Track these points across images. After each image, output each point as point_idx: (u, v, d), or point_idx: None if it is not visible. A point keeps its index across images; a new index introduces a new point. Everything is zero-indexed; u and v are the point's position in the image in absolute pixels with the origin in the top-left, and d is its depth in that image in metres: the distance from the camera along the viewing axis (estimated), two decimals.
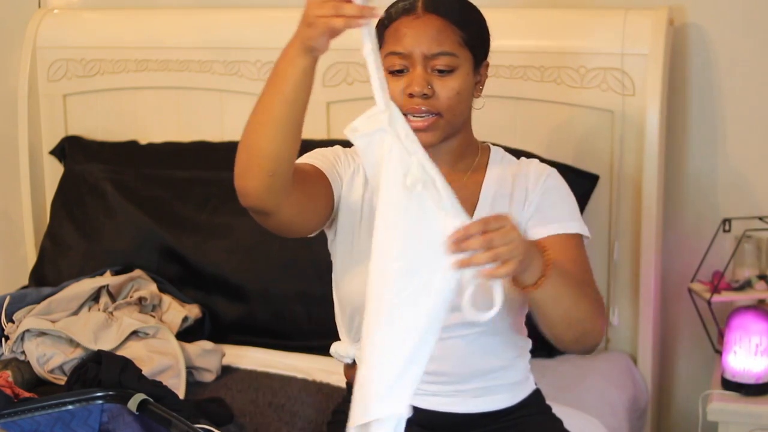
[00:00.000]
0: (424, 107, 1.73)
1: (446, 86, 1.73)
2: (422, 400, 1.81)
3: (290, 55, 1.59)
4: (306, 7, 1.52)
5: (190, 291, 2.60)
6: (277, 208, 1.68)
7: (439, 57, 1.72)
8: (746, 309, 2.41)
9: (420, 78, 1.72)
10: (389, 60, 1.75)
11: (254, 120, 1.64)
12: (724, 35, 2.59)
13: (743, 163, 2.62)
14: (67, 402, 1.73)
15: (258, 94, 2.89)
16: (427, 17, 1.74)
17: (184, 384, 2.22)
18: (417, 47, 1.73)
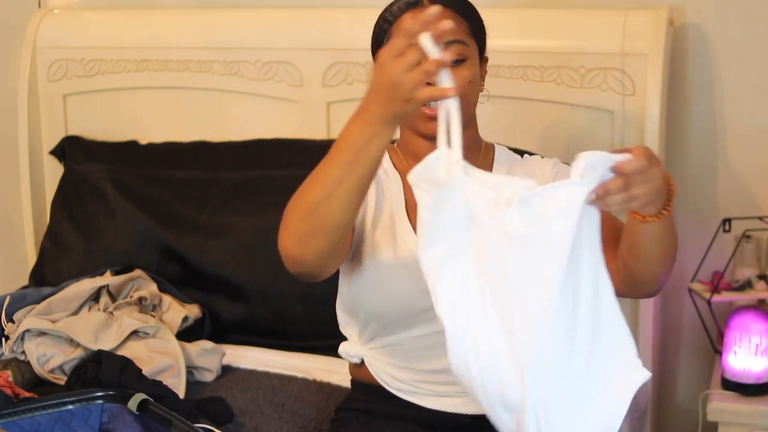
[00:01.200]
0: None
1: (459, 75, 1.70)
2: (429, 401, 1.81)
3: (374, 130, 1.49)
4: (390, 73, 1.43)
5: (190, 291, 2.60)
6: (330, 270, 1.66)
7: (452, 45, 1.70)
8: (746, 309, 2.41)
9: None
10: None
11: (324, 191, 1.55)
12: (724, 35, 2.59)
13: (743, 163, 2.62)
14: (67, 402, 1.73)
15: (259, 95, 2.91)
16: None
17: (184, 384, 2.22)
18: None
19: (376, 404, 1.85)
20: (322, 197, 1.55)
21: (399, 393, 1.83)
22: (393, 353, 1.81)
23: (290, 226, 1.60)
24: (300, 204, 1.58)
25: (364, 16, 1.81)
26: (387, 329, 1.81)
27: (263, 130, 2.81)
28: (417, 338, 1.78)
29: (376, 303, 1.79)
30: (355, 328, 1.87)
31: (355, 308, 1.84)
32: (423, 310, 1.73)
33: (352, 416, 1.88)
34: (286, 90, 2.79)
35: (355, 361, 1.87)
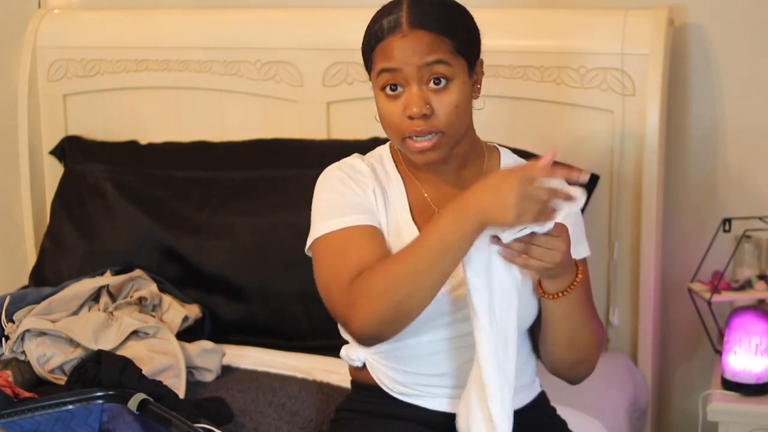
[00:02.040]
0: (424, 127, 1.69)
1: (444, 102, 1.69)
2: (428, 401, 1.80)
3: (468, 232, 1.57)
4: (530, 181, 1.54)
5: (190, 291, 2.60)
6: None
7: (433, 65, 1.68)
8: (746, 309, 2.41)
9: (417, 98, 1.68)
10: (383, 78, 1.71)
11: (413, 281, 1.60)
12: (724, 35, 2.59)
13: (743, 163, 2.62)
14: (67, 402, 1.73)
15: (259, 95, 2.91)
16: (414, 33, 1.69)
17: (184, 384, 2.22)
18: (409, 62, 1.68)
19: (375, 405, 1.85)
20: (411, 290, 1.61)
21: (399, 396, 1.82)
22: (395, 358, 1.80)
23: (371, 308, 1.63)
24: (385, 292, 1.62)
25: (364, 16, 1.81)
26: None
27: (263, 130, 2.81)
28: (420, 345, 1.77)
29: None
30: None
31: None
32: (429, 319, 1.72)
33: (352, 417, 1.88)
34: (286, 90, 2.79)
35: (357, 365, 1.87)
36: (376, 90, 1.74)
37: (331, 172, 1.82)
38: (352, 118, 2.73)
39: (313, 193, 1.81)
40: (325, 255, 1.75)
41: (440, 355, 1.77)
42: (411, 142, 1.71)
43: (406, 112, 1.69)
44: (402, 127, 1.70)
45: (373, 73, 1.74)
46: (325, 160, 1.88)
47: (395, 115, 1.71)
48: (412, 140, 1.71)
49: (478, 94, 1.78)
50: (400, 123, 1.70)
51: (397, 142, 1.75)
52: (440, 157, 1.73)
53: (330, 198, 1.78)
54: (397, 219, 1.78)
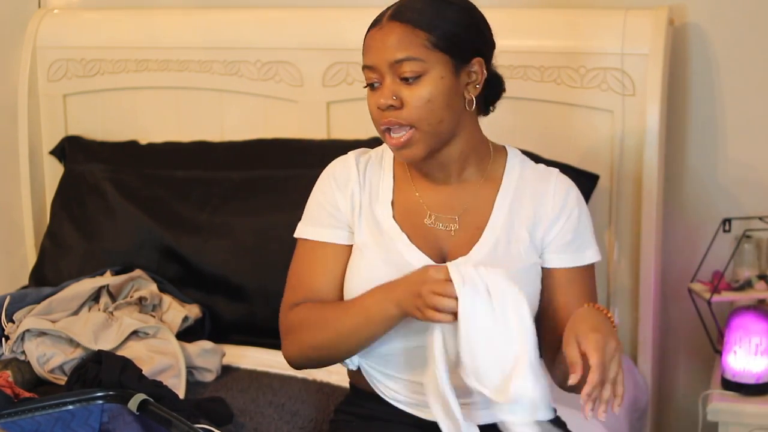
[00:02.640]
0: (394, 119, 1.70)
1: (414, 94, 1.69)
2: (425, 411, 1.80)
3: (390, 313, 1.70)
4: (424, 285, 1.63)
5: (190, 291, 2.60)
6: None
7: (403, 63, 1.69)
8: (746, 309, 2.42)
9: (386, 90, 1.70)
10: (365, 74, 1.74)
11: (335, 338, 1.77)
12: (724, 35, 2.59)
13: (743, 163, 2.62)
14: (68, 402, 1.73)
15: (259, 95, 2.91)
16: (389, 26, 1.71)
17: (184, 384, 2.22)
18: (381, 57, 1.70)
19: (374, 410, 1.85)
20: (333, 342, 1.77)
21: (395, 402, 1.82)
22: (387, 363, 1.80)
23: (298, 346, 1.84)
24: (311, 336, 1.80)
25: (364, 16, 1.81)
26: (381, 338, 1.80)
27: (263, 130, 2.81)
28: (412, 349, 1.76)
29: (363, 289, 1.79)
30: None
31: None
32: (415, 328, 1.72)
33: (351, 419, 1.88)
34: (286, 90, 2.79)
35: (351, 368, 1.87)
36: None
37: (328, 171, 1.87)
38: (352, 118, 2.73)
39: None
40: (296, 259, 1.89)
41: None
42: (388, 137, 1.74)
43: (376, 104, 1.72)
44: (378, 119, 1.74)
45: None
46: (325, 160, 1.89)
47: (373, 108, 1.74)
48: (389, 135, 1.73)
49: (471, 94, 1.75)
50: (377, 115, 1.74)
51: (381, 136, 1.77)
52: (417, 154, 1.73)
53: (318, 201, 1.85)
54: (378, 214, 1.81)
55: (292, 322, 1.83)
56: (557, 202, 1.80)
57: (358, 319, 1.72)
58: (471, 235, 1.78)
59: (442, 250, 1.78)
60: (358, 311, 1.73)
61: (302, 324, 1.80)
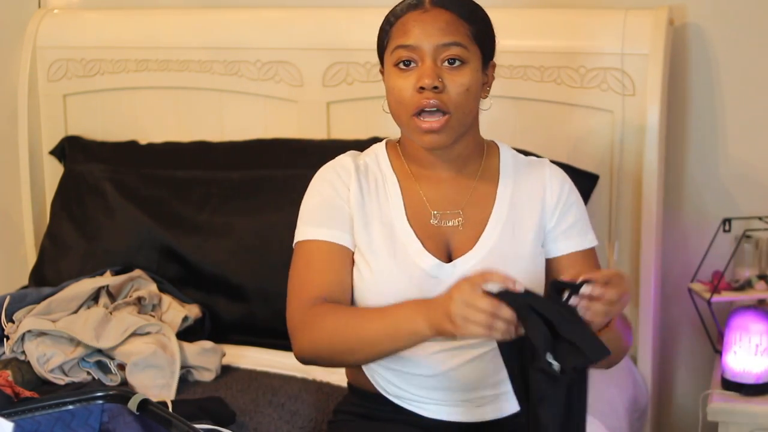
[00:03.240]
0: (434, 101, 1.69)
1: (456, 81, 1.70)
2: (426, 409, 1.80)
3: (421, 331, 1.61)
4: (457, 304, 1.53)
5: (190, 291, 2.60)
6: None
7: (450, 47, 1.70)
8: (746, 309, 2.42)
9: (430, 70, 1.70)
10: (397, 53, 1.73)
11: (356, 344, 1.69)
12: (724, 35, 2.59)
13: (743, 163, 2.62)
14: (68, 402, 1.73)
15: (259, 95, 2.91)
16: (436, 11, 1.73)
17: (175, 384, 2.23)
18: (427, 39, 1.71)
19: (373, 409, 1.84)
20: (352, 346, 1.69)
21: (397, 400, 1.82)
22: (392, 360, 1.80)
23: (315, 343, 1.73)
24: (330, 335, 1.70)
25: (364, 16, 1.82)
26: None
27: (263, 130, 2.81)
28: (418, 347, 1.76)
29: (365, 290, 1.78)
30: None
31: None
32: None
33: (350, 419, 1.88)
34: (286, 90, 2.79)
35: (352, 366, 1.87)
36: (388, 67, 1.75)
37: (322, 174, 1.84)
38: (352, 118, 2.73)
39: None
40: (299, 261, 1.80)
41: (437, 356, 1.76)
42: (419, 121, 1.72)
43: (418, 84, 1.70)
44: (413, 101, 1.71)
45: (387, 50, 1.76)
46: (325, 160, 1.89)
47: (406, 89, 1.71)
48: (420, 119, 1.71)
49: (486, 94, 1.80)
50: (411, 97, 1.71)
51: (405, 121, 1.74)
52: (446, 140, 1.73)
53: (317, 203, 1.80)
54: (392, 218, 1.78)
55: (311, 317, 1.72)
56: (555, 190, 1.82)
57: (386, 329, 1.65)
58: (475, 230, 1.78)
59: (448, 247, 1.78)
60: (386, 322, 1.65)
61: (323, 322, 1.71)
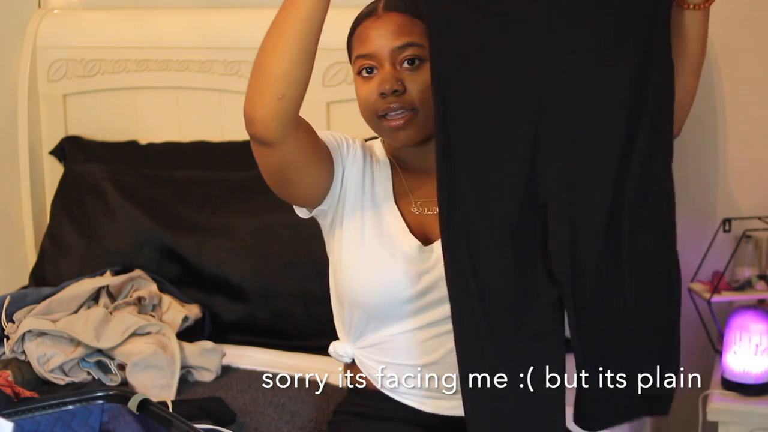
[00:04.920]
0: (397, 104, 1.74)
1: (417, 81, 1.73)
2: (423, 403, 1.80)
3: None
4: None
5: (190, 291, 2.60)
6: (281, 139, 1.67)
7: (406, 48, 1.73)
8: (746, 309, 2.41)
9: (389, 75, 1.74)
10: (358, 63, 1.78)
11: (267, 42, 1.62)
12: (724, 35, 2.58)
13: (743, 163, 2.62)
14: (68, 402, 1.73)
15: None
16: (388, 16, 1.77)
17: (176, 384, 2.23)
18: (382, 45, 1.75)
19: (372, 408, 1.85)
20: (266, 48, 1.61)
21: (392, 394, 1.82)
22: (382, 351, 1.81)
23: (248, 85, 1.65)
24: (254, 62, 1.63)
25: None
26: (373, 323, 1.81)
27: None
28: (405, 334, 1.78)
29: (360, 289, 1.79)
30: (344, 321, 1.87)
31: (341, 296, 1.84)
32: (408, 300, 1.75)
33: (349, 419, 1.88)
34: None
35: (345, 361, 1.88)
36: (354, 76, 1.81)
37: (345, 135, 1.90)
38: (352, 118, 2.72)
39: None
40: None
41: (427, 343, 1.77)
42: (386, 122, 1.76)
43: (379, 90, 1.75)
44: (376, 106, 1.76)
45: (352, 60, 1.82)
46: None
47: (370, 95, 1.76)
48: (386, 119, 1.76)
49: None
50: (375, 102, 1.76)
51: (373, 124, 1.80)
52: (413, 137, 1.76)
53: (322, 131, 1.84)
54: (380, 201, 1.82)
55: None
56: None
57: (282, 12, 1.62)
58: None
59: (426, 234, 1.80)
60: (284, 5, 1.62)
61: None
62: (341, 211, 1.81)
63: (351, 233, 1.80)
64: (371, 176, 1.84)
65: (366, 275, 1.78)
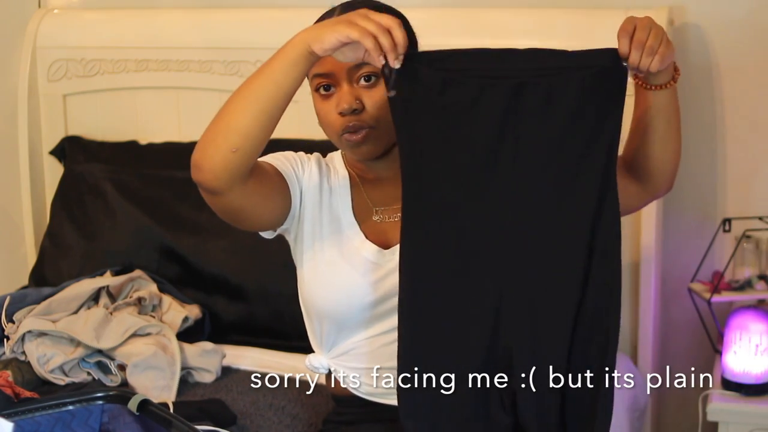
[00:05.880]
0: (354, 123, 1.74)
1: (374, 98, 1.73)
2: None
3: (292, 56, 1.59)
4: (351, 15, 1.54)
5: (190, 291, 2.60)
6: (228, 188, 1.67)
7: (362, 67, 1.72)
8: (746, 309, 2.42)
9: (347, 95, 1.73)
10: (316, 81, 1.77)
11: (236, 95, 1.63)
12: (724, 35, 2.58)
13: (743, 163, 2.62)
14: (68, 402, 1.73)
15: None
16: None
17: (176, 385, 2.23)
18: (338, 64, 1.72)
19: (358, 414, 1.85)
20: (234, 102, 1.63)
21: (371, 398, 1.83)
22: (354, 358, 1.82)
23: (201, 137, 1.68)
24: (215, 117, 1.67)
25: None
26: (342, 332, 1.82)
27: None
28: (373, 339, 1.79)
29: (325, 301, 1.80)
30: (314, 334, 1.88)
31: (308, 308, 1.85)
32: (372, 305, 1.76)
33: (337, 427, 1.89)
34: None
35: (322, 372, 1.88)
36: (312, 93, 1.80)
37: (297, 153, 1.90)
38: None
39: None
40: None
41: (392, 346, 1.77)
42: (345, 138, 1.76)
43: (337, 109, 1.74)
44: (336, 124, 1.75)
45: (309, 77, 1.79)
46: None
47: (330, 114, 1.76)
48: (346, 136, 1.76)
49: None
50: (334, 121, 1.75)
51: (335, 140, 1.80)
52: (373, 152, 1.76)
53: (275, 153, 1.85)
54: (339, 215, 1.82)
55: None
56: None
57: (257, 74, 1.62)
58: None
59: (387, 239, 1.81)
60: (257, 72, 1.62)
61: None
62: (301, 227, 1.82)
63: (311, 247, 1.81)
64: (329, 189, 1.84)
65: (328, 286, 1.79)
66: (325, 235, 1.81)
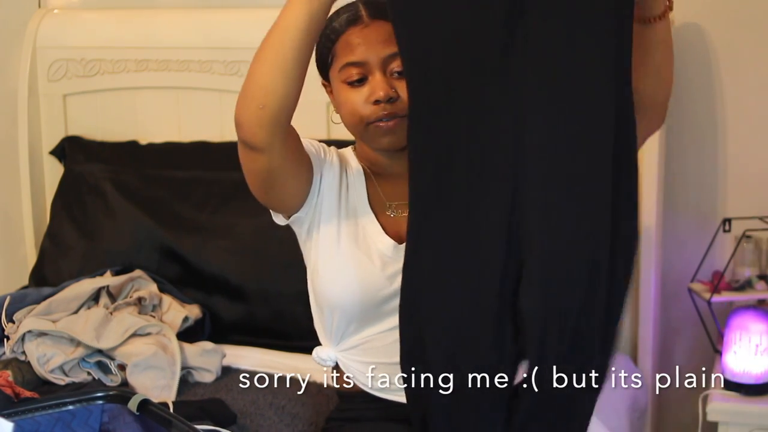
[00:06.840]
0: (389, 110, 1.75)
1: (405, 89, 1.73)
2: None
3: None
4: None
5: (190, 291, 2.60)
6: (268, 146, 1.68)
7: (397, 57, 1.73)
8: (746, 309, 2.42)
9: (382, 83, 1.75)
10: (346, 72, 1.78)
11: (257, 53, 1.67)
12: (724, 35, 2.59)
13: (743, 163, 2.62)
14: (68, 402, 1.73)
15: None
16: (376, 24, 1.77)
17: (176, 385, 2.23)
18: (373, 54, 1.76)
19: (363, 411, 1.85)
20: (255, 56, 1.67)
21: (379, 393, 1.83)
22: (364, 352, 1.82)
23: (240, 94, 1.70)
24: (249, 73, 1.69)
25: None
26: (353, 324, 1.82)
27: None
28: (385, 333, 1.80)
29: (340, 292, 1.80)
30: (324, 326, 1.87)
31: (320, 300, 1.85)
32: (386, 299, 1.77)
33: (341, 424, 1.89)
34: None
35: (329, 365, 1.88)
36: (336, 84, 1.81)
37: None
38: None
39: None
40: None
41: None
42: (375, 126, 1.77)
43: (371, 98, 1.76)
44: (368, 112, 1.76)
45: (334, 68, 1.81)
46: None
47: (359, 103, 1.77)
48: (379, 123, 1.77)
49: None
50: (365, 110, 1.77)
51: (360, 131, 1.80)
52: (397, 142, 1.78)
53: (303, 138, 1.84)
54: (355, 206, 1.83)
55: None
56: None
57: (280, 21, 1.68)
58: None
59: (401, 235, 1.81)
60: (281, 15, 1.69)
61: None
62: (318, 217, 1.82)
63: (328, 238, 1.81)
64: (346, 183, 1.85)
65: (343, 277, 1.80)
66: (342, 227, 1.81)
